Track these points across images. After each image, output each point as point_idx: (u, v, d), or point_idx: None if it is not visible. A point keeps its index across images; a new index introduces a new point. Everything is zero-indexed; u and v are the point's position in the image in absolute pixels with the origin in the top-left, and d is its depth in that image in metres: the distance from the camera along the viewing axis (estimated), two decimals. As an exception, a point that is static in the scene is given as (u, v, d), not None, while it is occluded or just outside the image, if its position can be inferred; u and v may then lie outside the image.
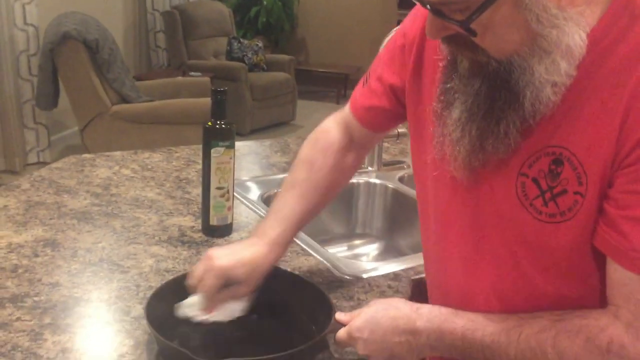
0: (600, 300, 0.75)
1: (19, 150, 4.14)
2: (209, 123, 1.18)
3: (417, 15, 0.91)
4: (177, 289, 0.91)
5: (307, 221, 0.99)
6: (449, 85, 0.77)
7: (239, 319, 0.90)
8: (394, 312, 0.83)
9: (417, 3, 0.69)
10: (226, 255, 0.89)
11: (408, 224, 1.58)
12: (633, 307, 0.68)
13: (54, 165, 1.56)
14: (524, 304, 0.78)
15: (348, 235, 1.65)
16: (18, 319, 0.92)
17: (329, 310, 0.87)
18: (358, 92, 1.04)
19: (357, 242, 1.63)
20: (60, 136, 4.72)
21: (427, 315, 0.81)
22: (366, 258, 1.60)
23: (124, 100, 3.87)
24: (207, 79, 4.57)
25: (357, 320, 0.84)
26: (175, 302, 0.89)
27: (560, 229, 0.72)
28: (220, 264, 0.87)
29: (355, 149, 1.05)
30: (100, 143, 3.77)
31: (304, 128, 5.83)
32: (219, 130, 1.17)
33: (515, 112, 0.71)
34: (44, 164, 4.35)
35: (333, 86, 7.06)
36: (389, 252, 1.60)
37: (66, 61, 3.64)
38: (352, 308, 1.00)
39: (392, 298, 0.89)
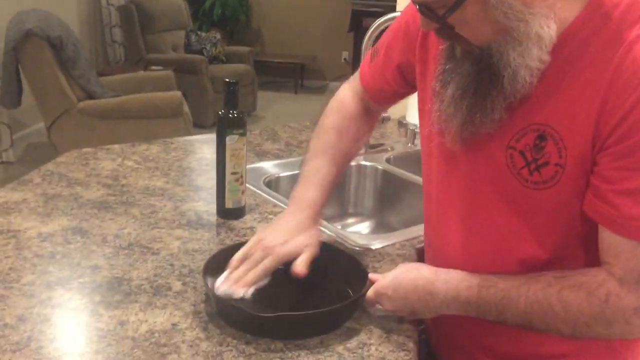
0: (581, 258, 0.88)
1: (-18, 150, 4.10)
2: (221, 112, 1.27)
3: None
4: (226, 258, 1.01)
5: (335, 185, 1.11)
6: (447, 67, 0.90)
7: (286, 286, 1.01)
8: (414, 273, 0.94)
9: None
10: (283, 242, 0.98)
11: (397, 202, 1.70)
12: (623, 264, 0.81)
13: (58, 159, 1.61)
14: (516, 265, 0.91)
15: (341, 215, 1.76)
16: (70, 298, 0.99)
17: (364, 273, 0.98)
18: (367, 69, 1.16)
19: (349, 220, 1.75)
20: (22, 134, 4.67)
21: (445, 277, 0.92)
22: (359, 235, 1.71)
23: (90, 96, 3.88)
24: (170, 72, 4.59)
25: (382, 280, 0.96)
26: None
27: (543, 194, 0.85)
28: (281, 252, 0.97)
29: (369, 117, 1.20)
30: (68, 140, 3.77)
31: (265, 119, 5.91)
32: (232, 119, 1.26)
33: (497, 90, 0.83)
34: (7, 163, 4.31)
35: (290, 76, 7.16)
36: (380, 228, 1.72)
37: (30, 59, 3.62)
38: (370, 274, 1.11)
39: (415, 262, 1.00)
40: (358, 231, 1.73)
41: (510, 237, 0.90)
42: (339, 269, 1.05)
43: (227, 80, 1.25)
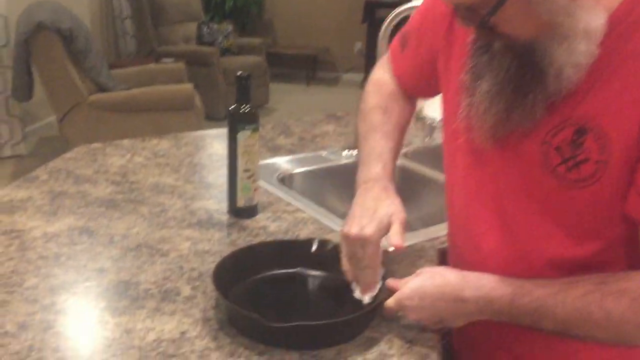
0: (622, 261, 0.82)
1: (-6, 143, 4.07)
2: (233, 107, 1.21)
3: None
4: (237, 262, 0.98)
5: (396, 159, 1.07)
6: (480, 60, 0.83)
7: (300, 292, 0.97)
8: (440, 280, 0.88)
9: None
10: (367, 223, 0.92)
11: (416, 199, 1.64)
12: None
13: (67, 155, 1.56)
14: (550, 267, 0.85)
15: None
16: (75, 304, 0.95)
17: (382, 278, 0.92)
18: (400, 58, 1.11)
19: (365, 218, 1.68)
20: (34, 128, 4.65)
21: (475, 283, 0.86)
22: (375, 233, 1.65)
23: (101, 89, 3.85)
24: (181, 65, 4.55)
25: (405, 289, 0.90)
26: (237, 274, 0.96)
27: (582, 193, 0.78)
28: (373, 233, 0.91)
29: (410, 99, 1.15)
30: (79, 133, 3.74)
31: (277, 111, 5.85)
32: (244, 114, 1.20)
33: (541, 87, 0.76)
34: (19, 157, 4.29)
35: (302, 67, 7.09)
36: (397, 226, 1.66)
37: (41, 51, 3.59)
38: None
39: (438, 267, 0.94)
40: (374, 229, 1.67)
41: (545, 238, 0.84)
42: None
43: (239, 74, 1.20)
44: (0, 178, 3.86)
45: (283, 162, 1.61)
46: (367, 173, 1.01)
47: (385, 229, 0.92)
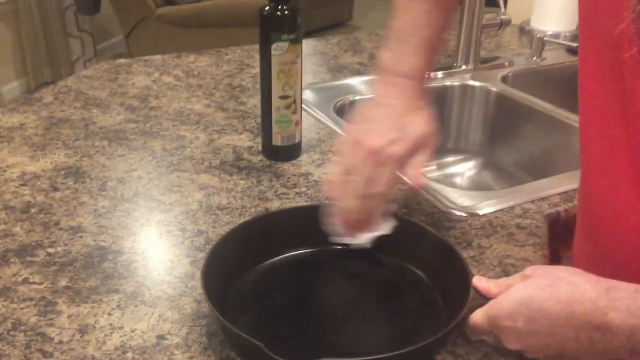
0: None
1: (65, 60, 3.93)
2: (266, 9, 0.88)
3: None
4: (240, 241, 0.66)
5: (443, 42, 0.75)
6: None
7: (336, 300, 0.65)
8: (566, 291, 0.53)
9: None
10: (393, 140, 0.66)
11: (513, 136, 1.27)
12: None
13: (83, 73, 1.30)
14: None
15: (437, 151, 1.36)
16: (25, 280, 0.68)
17: (463, 274, 0.58)
18: None
19: (449, 159, 1.34)
20: (107, 44, 4.48)
21: (627, 303, 0.50)
22: (460, 179, 1.31)
23: (169, 1, 3.57)
24: (257, -25, 4.19)
25: (504, 301, 0.55)
26: (243, 259, 0.66)
27: None
28: (397, 154, 0.66)
29: None
30: (146, 49, 3.50)
31: (361, 29, 5.41)
32: (280, 18, 0.87)
33: None
34: (91, 74, 4.15)
35: (392, -19, 6.53)
36: (489, 170, 1.31)
37: (104, -41, 3.34)
38: (473, 259, 0.72)
39: (561, 266, 0.59)
40: (460, 172, 1.32)
41: None
42: (419, 262, 0.67)
43: (274, -41, 0.86)
44: (71, 96, 3.74)
45: (346, 86, 1.28)
46: (400, 61, 0.71)
47: (416, 153, 0.68)
